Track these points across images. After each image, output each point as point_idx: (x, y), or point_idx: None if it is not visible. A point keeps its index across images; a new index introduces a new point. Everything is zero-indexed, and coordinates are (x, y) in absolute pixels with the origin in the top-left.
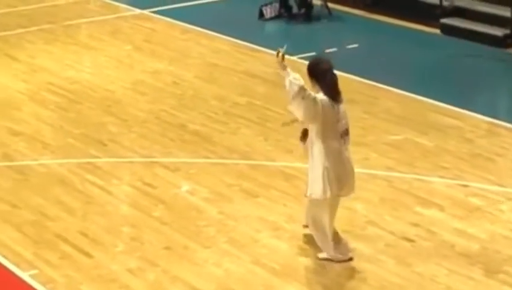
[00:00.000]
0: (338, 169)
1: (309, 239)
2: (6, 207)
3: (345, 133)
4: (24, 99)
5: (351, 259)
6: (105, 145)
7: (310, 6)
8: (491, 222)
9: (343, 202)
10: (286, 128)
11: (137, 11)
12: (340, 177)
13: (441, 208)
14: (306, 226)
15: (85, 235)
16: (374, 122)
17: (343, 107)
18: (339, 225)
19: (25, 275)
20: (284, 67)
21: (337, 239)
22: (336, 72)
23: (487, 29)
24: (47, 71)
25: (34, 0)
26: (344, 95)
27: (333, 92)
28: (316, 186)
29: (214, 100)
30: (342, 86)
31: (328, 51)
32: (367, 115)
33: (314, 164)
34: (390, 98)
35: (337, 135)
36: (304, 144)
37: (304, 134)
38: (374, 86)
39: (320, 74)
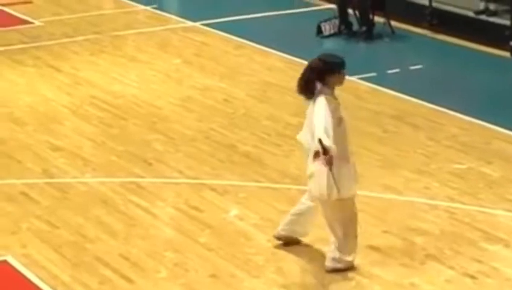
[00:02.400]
0: None
1: (362, 272)
2: (45, 226)
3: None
4: (66, 113)
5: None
6: (150, 164)
7: (371, 23)
8: None
9: (401, 233)
10: None
11: (188, 23)
12: None
13: (506, 244)
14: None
15: (126, 259)
16: (437, 150)
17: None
18: (396, 257)
19: None
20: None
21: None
22: (396, 93)
23: None
24: (91, 84)
25: (80, 8)
26: (407, 119)
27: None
28: None
29: (267, 120)
30: (405, 109)
31: (390, 71)
32: (430, 141)
33: None
34: (455, 124)
35: None
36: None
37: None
38: (438, 110)
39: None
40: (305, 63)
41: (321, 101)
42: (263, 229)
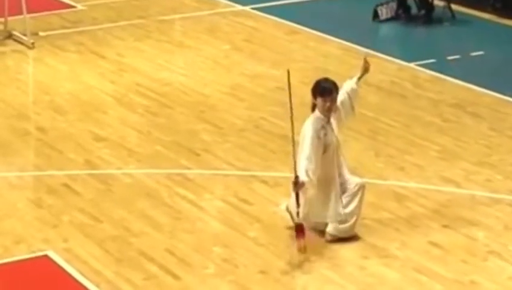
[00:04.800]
0: None
1: (420, 269)
2: (87, 220)
3: None
4: (110, 102)
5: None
6: (197, 155)
7: (431, 7)
8: None
9: (462, 228)
10: None
11: (238, 7)
12: None
13: None
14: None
15: (172, 254)
16: (500, 141)
17: None
18: (456, 253)
19: None
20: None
21: None
22: (457, 81)
23: None
24: (136, 71)
25: None
26: (468, 108)
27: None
28: None
29: None
30: (466, 97)
31: (450, 58)
32: (493, 132)
33: None
34: None
35: None
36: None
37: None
38: (502, 99)
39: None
40: (361, 49)
41: (309, 124)
42: None
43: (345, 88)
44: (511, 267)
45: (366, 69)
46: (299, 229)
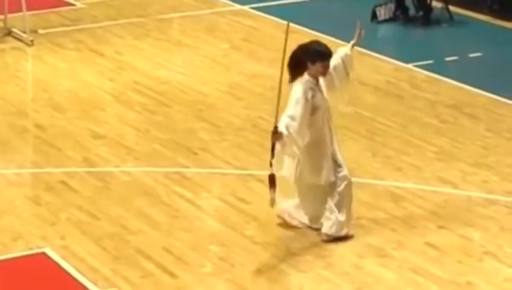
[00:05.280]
0: None
1: (417, 269)
2: (85, 217)
3: None
4: (108, 99)
5: None
6: (195, 153)
7: (429, 8)
8: None
9: (457, 229)
10: None
11: (237, 6)
12: None
13: None
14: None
15: (169, 252)
16: (496, 142)
17: None
18: (452, 254)
19: None
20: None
21: None
22: (454, 82)
23: None
24: (135, 69)
25: None
26: (465, 109)
27: None
28: None
29: None
30: (463, 98)
31: (448, 59)
32: (490, 133)
33: None
34: None
35: None
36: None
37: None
38: (499, 100)
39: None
40: (359, 49)
41: (297, 87)
42: None
43: (339, 53)
44: (507, 268)
45: (359, 36)
46: (269, 180)
